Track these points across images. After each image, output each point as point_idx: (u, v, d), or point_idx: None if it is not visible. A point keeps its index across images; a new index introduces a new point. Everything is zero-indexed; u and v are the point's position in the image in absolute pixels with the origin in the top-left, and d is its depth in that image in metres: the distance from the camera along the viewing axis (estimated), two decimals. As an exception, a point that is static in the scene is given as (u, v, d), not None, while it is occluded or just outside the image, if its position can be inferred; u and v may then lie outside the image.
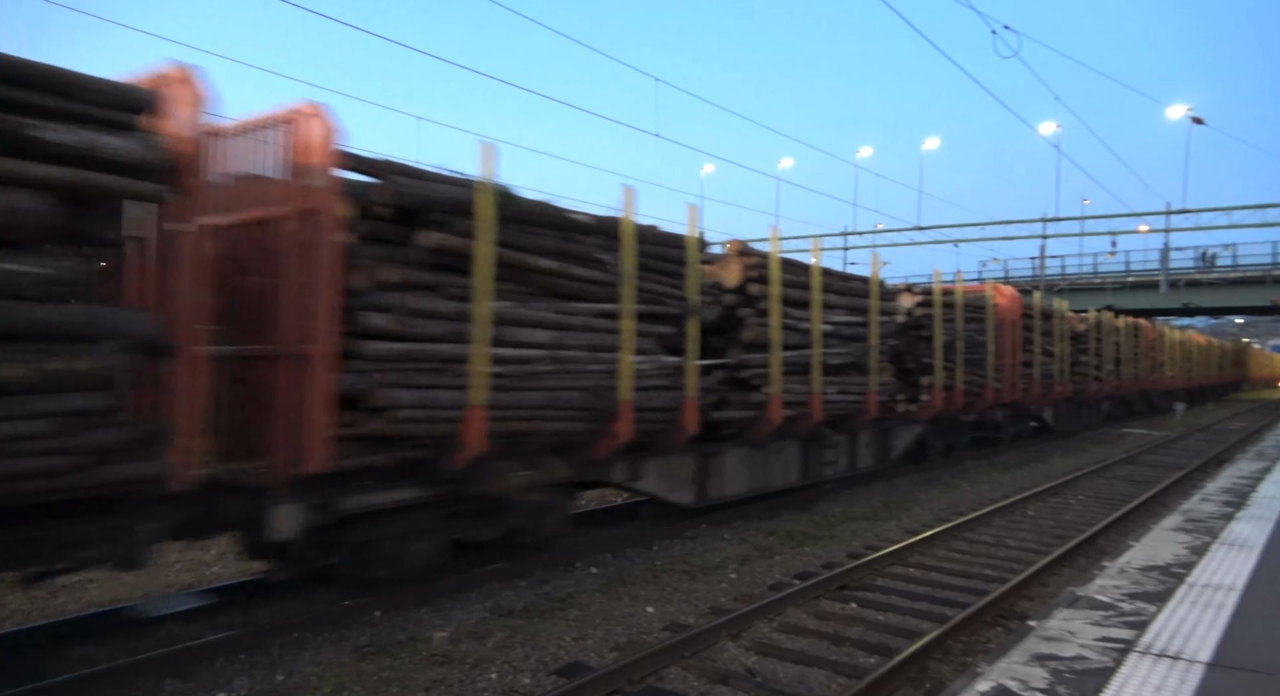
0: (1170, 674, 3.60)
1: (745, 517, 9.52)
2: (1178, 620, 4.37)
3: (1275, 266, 42.99)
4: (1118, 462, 15.36)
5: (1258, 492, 8.80)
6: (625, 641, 5.50)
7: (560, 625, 5.76)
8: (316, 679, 4.76)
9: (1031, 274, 43.90)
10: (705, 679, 4.90)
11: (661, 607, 6.24)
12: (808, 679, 4.93)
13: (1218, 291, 43.87)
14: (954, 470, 14.03)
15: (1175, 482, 12.61)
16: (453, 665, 5.01)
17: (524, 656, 5.17)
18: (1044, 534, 9.16)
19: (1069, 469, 14.41)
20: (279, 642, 5.29)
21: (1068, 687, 3.45)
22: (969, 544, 8.60)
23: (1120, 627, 4.25)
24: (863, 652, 5.38)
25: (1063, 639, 4.07)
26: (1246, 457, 12.87)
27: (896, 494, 11.58)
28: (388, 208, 5.53)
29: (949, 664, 5.20)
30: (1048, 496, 11.54)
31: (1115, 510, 10.24)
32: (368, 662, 5.02)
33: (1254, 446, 15.24)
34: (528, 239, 6.24)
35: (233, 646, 5.13)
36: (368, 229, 5.50)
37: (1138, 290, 44.69)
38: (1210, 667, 3.68)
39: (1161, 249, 31.76)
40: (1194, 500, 8.49)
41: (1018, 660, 3.77)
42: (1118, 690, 3.43)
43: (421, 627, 5.68)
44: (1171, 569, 5.51)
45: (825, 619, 6.07)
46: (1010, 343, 15.76)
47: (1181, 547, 6.16)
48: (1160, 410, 29.84)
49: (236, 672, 4.88)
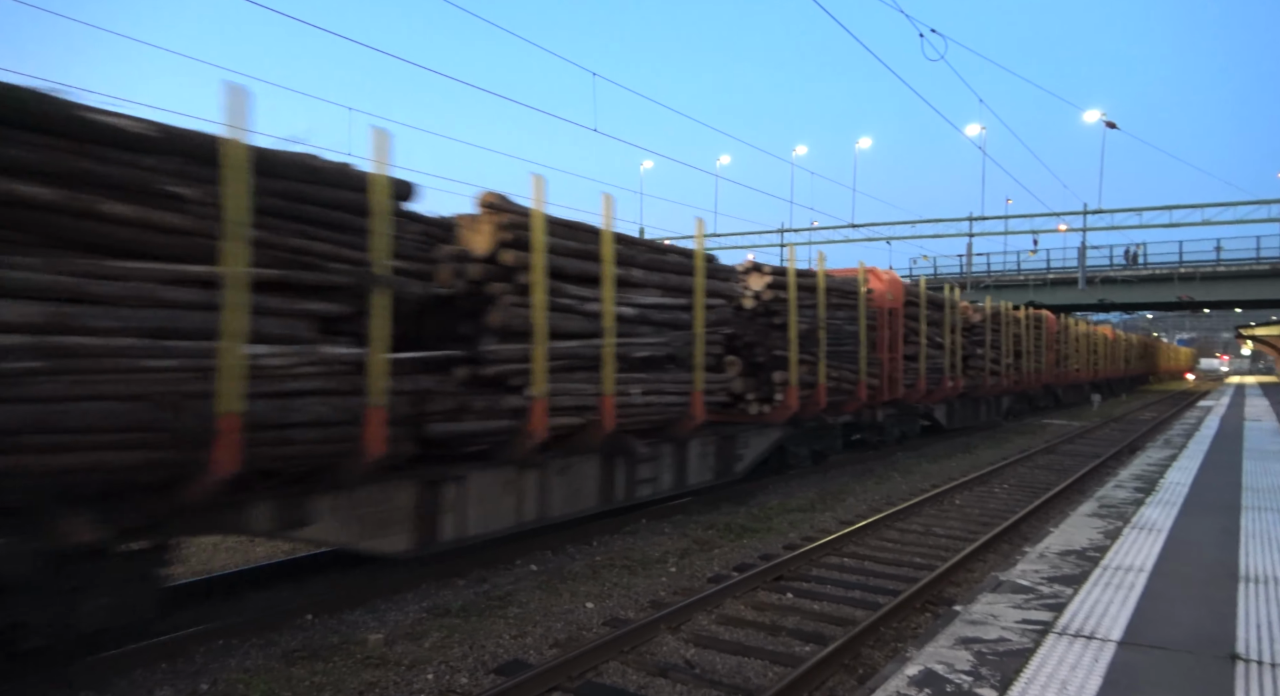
0: (1085, 653, 3.79)
1: (685, 512, 9.60)
2: (1092, 601, 4.60)
3: (1181, 265, 45.56)
4: (1039, 452, 16.04)
5: (1165, 479, 9.32)
6: (565, 638, 5.48)
7: (499, 623, 5.72)
8: (244, 686, 4.60)
9: (960, 271, 45.43)
10: (644, 672, 4.93)
11: (601, 603, 6.25)
12: (745, 669, 5.01)
13: (1130, 288, 46.23)
14: (887, 462, 14.42)
15: (1092, 470, 13.24)
16: (388, 667, 4.91)
17: (461, 656, 5.11)
18: (971, 522, 9.50)
19: (995, 459, 14.98)
20: (203, 649, 5.10)
21: (990, 669, 3.59)
22: (900, 533, 8.86)
23: (1039, 610, 4.44)
24: (798, 642, 5.49)
25: (986, 622, 4.23)
26: (1155, 445, 13.61)
27: (832, 486, 11.84)
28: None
29: (881, 650, 5.35)
30: (974, 485, 11.97)
31: (1036, 498, 10.70)
32: (298, 667, 4.88)
33: (1162, 435, 16.12)
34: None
35: (152, 654, 4.91)
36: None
37: (1057, 286, 46.77)
38: (1121, 646, 3.88)
39: (1079, 247, 33.24)
40: (1108, 487, 8.94)
41: (944, 644, 3.91)
42: (1036, 670, 3.58)
43: (355, 630, 5.56)
44: (1087, 552, 5.78)
45: (763, 609, 6.17)
46: (890, 333, 14.24)
47: (1096, 532, 6.47)
48: (1067, 404, 29.25)
49: (157, 683, 4.68)
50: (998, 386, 20.33)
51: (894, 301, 14.40)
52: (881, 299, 14.23)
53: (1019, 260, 50.50)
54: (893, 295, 14.42)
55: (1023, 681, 3.45)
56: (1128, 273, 46.04)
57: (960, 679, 3.48)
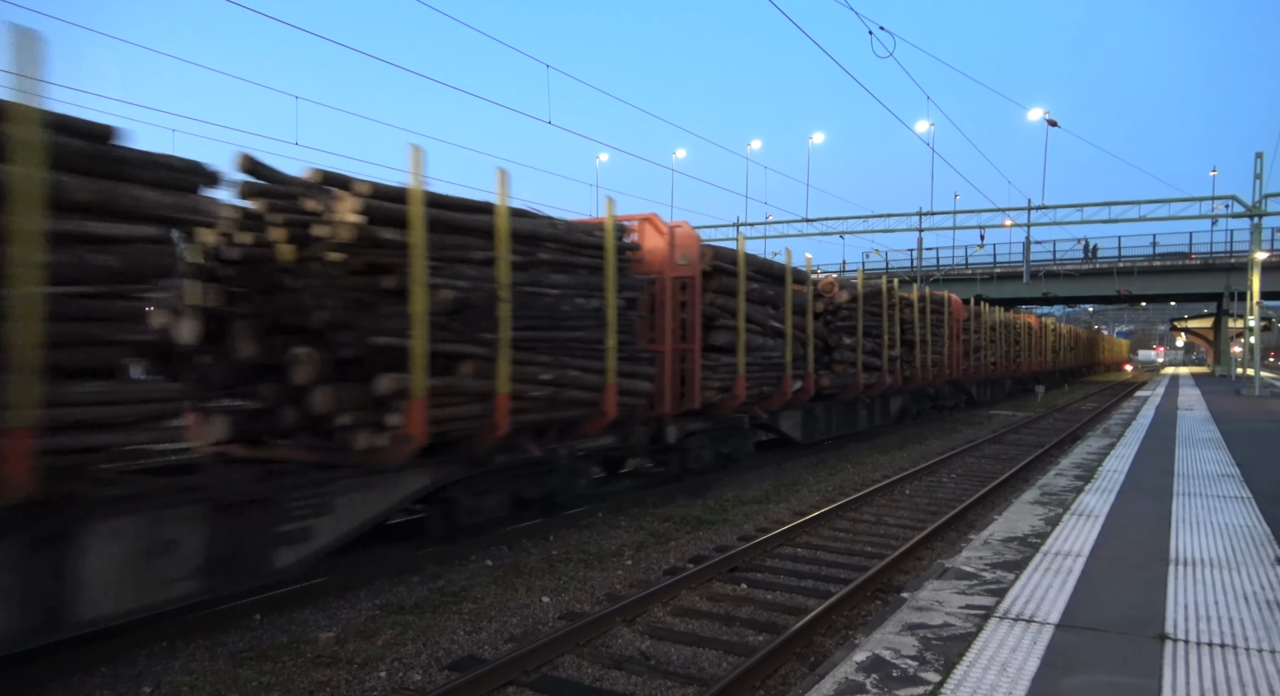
0: (1025, 635, 3.92)
1: (642, 505, 9.64)
2: (1032, 586, 4.76)
3: (1120, 260, 47.26)
4: (986, 442, 16.50)
5: (1103, 466, 9.67)
6: (521, 632, 5.48)
7: (454, 619, 5.68)
8: (189, 689, 4.50)
9: (910, 265, 46.39)
10: (600, 665, 4.95)
11: (557, 597, 6.25)
12: (699, 659, 5.07)
13: (1072, 282, 47.83)
14: (839, 453, 14.68)
15: (1035, 459, 13.67)
16: (339, 666, 4.85)
17: (415, 652, 5.07)
18: (919, 511, 9.74)
19: (943, 449, 15.36)
20: (145, 652, 4.97)
21: (934, 653, 3.70)
22: (852, 522, 9.03)
23: (983, 595, 4.58)
24: (752, 631, 5.57)
25: (931, 608, 4.35)
26: (1095, 435, 14.11)
27: (786, 477, 12.01)
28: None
29: (832, 637, 5.46)
30: (923, 475, 12.27)
31: (982, 487, 11.01)
32: (246, 668, 4.78)
33: (1102, 424, 16.71)
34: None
35: (92, 657, 4.77)
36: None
37: (1004, 280, 48.16)
38: (1059, 628, 4.03)
39: (1024, 242, 34.19)
40: (1050, 475, 9.24)
41: (891, 630, 4.01)
42: (978, 653, 3.70)
43: (305, 628, 5.47)
44: (1029, 539, 5.98)
45: (717, 600, 6.24)
46: (678, 313, 9.95)
47: (1038, 519, 6.69)
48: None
49: (97, 687, 4.55)
50: (879, 385, 15.82)
51: (688, 269, 9.92)
52: (659, 262, 9.89)
53: (967, 255, 51.86)
54: (686, 259, 9.92)
55: (965, 664, 3.56)
56: (1070, 267, 47.58)
57: (906, 663, 3.58)
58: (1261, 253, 28.47)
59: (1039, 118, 27.30)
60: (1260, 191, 27.78)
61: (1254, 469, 9.51)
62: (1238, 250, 43.51)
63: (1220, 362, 49.23)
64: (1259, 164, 27.84)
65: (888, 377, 16.07)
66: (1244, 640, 3.89)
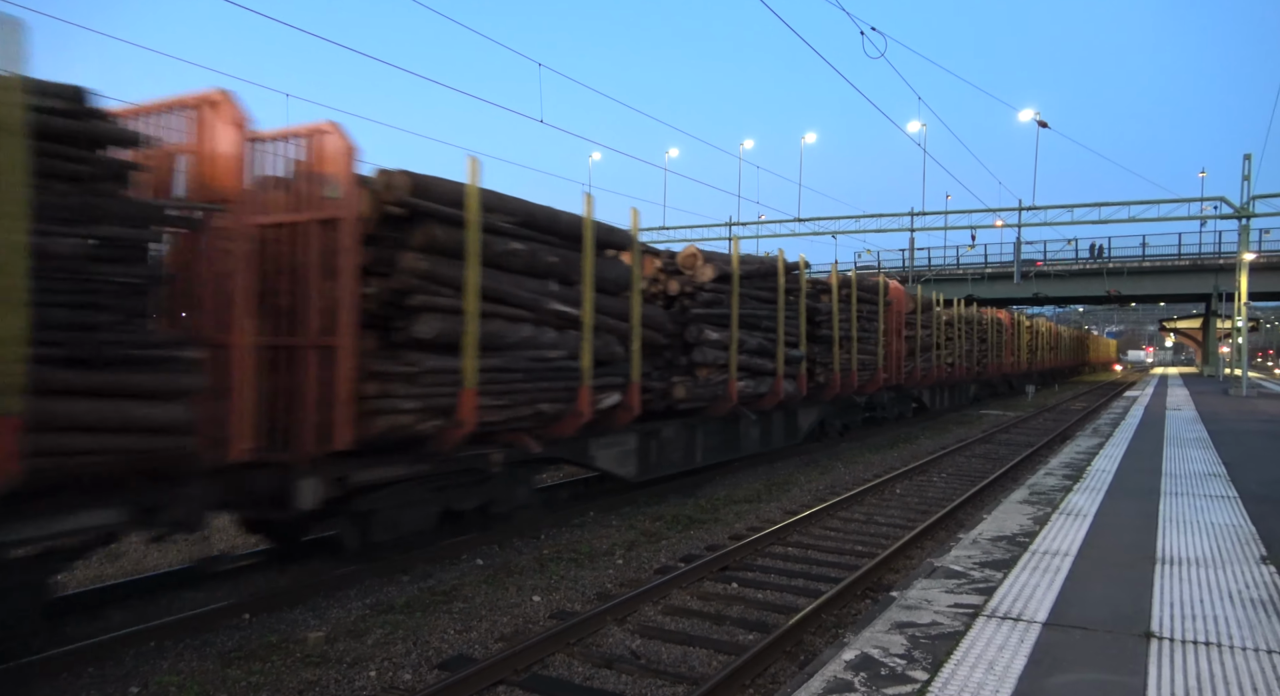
0: (1012, 634, 3.95)
1: (633, 504, 9.65)
2: (1020, 585, 4.79)
3: (1110, 260, 47.53)
4: (976, 441, 16.58)
5: (1092, 466, 9.73)
6: (511, 631, 5.47)
7: (444, 618, 5.67)
8: (177, 689, 4.48)
9: (902, 265, 46.55)
10: (590, 664, 4.95)
11: (548, 596, 6.25)
12: (690, 658, 5.08)
13: (1062, 282, 48.09)
14: (831, 452, 14.72)
15: (1024, 459, 13.75)
16: (329, 665, 4.83)
17: (405, 652, 5.06)
18: (910, 510, 9.78)
19: (934, 449, 15.42)
20: (132, 652, 4.94)
21: (922, 652, 3.72)
22: (843, 522, 9.06)
23: (971, 594, 4.61)
24: (742, 630, 5.58)
25: (920, 607, 4.37)
26: (1085, 434, 14.19)
27: (778, 476, 12.04)
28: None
29: (822, 636, 5.48)
30: (914, 475, 12.31)
31: (972, 486, 11.06)
32: (235, 668, 4.77)
33: (1091, 424, 16.81)
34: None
35: (79, 658, 4.75)
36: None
37: (995, 280, 48.34)
38: (1046, 626, 4.05)
39: (1015, 242, 34.33)
40: (1039, 474, 9.29)
41: (880, 629, 4.03)
42: (966, 651, 3.72)
43: (295, 628, 5.45)
44: (1017, 538, 6.01)
45: (708, 599, 6.26)
46: (302, 283, 5.76)
47: (1027, 518, 6.73)
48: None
49: (84, 687, 4.52)
50: (771, 395, 11.95)
51: (338, 208, 5.70)
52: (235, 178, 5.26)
53: (958, 255, 52.10)
54: (335, 190, 5.75)
55: (953, 662, 3.58)
56: (1060, 267, 47.81)
57: (894, 662, 3.59)
58: (1249, 253, 28.69)
59: (1029, 119, 27.45)
60: (1248, 193, 28.02)
61: (1241, 468, 9.59)
62: (1226, 251, 43.84)
63: (1208, 363, 49.59)
64: (1247, 165, 28.06)
65: (784, 385, 12.16)
66: (1229, 638, 3.92)
